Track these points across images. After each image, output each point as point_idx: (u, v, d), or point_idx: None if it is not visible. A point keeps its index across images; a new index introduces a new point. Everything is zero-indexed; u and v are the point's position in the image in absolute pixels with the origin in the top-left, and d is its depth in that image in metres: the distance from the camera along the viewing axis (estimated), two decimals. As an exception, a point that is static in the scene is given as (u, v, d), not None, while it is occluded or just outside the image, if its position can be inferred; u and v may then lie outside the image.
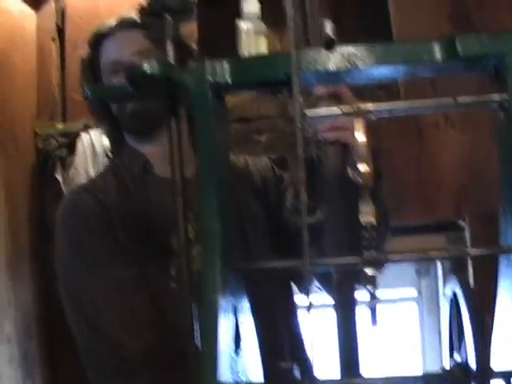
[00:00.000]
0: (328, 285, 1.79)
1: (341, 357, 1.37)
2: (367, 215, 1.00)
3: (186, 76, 1.06)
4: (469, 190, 2.75)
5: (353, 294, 1.39)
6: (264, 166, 1.96)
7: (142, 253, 1.69)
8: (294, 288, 1.95)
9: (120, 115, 1.80)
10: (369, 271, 1.02)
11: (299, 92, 1.00)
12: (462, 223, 2.79)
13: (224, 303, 1.03)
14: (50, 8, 3.11)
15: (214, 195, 1.06)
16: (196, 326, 1.13)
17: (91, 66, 1.85)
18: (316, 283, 1.94)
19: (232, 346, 1.10)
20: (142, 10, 1.16)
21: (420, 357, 3.11)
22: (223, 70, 1.06)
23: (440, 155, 2.79)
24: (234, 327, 1.11)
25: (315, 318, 1.05)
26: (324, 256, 1.61)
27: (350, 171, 1.45)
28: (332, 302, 1.38)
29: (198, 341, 1.12)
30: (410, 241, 2.83)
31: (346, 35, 1.07)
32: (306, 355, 1.88)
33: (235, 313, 1.12)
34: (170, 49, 1.13)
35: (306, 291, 1.02)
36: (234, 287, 1.10)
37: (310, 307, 1.01)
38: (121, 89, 1.13)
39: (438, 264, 2.99)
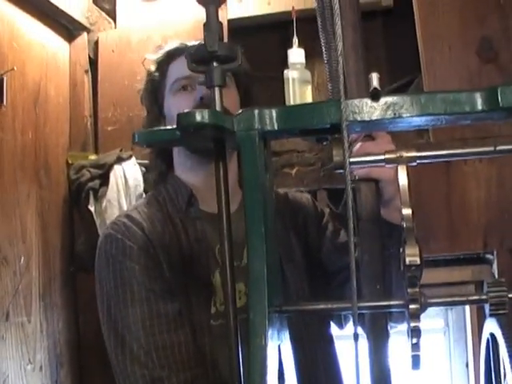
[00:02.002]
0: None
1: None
2: (412, 256, 1.02)
3: (235, 123, 1.10)
4: (496, 223, 2.77)
5: (386, 326, 1.42)
6: (305, 202, 1.96)
7: (185, 289, 1.69)
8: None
9: None
10: (412, 323, 1.04)
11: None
12: (489, 257, 2.81)
13: (270, 344, 1.05)
14: (82, 40, 3.17)
15: (260, 236, 1.08)
16: (240, 366, 1.14)
17: (158, 84, 1.84)
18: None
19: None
20: (190, 57, 1.19)
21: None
22: (271, 118, 1.10)
23: (467, 189, 2.81)
24: (278, 365, 1.14)
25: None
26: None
27: (382, 210, 1.48)
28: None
29: (241, 380, 1.14)
30: (436, 273, 2.85)
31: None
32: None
33: (279, 351, 1.14)
34: (217, 96, 1.16)
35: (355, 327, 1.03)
36: (278, 327, 1.13)
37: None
38: (168, 133, 1.15)
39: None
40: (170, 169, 1.87)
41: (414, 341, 1.04)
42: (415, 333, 1.03)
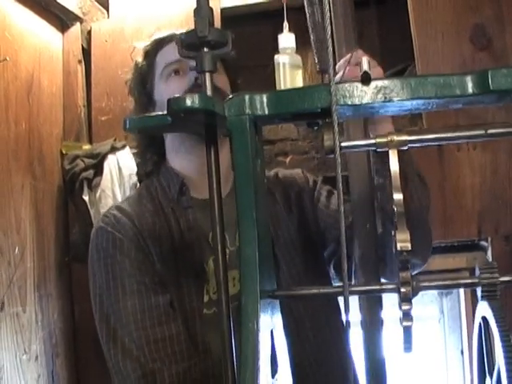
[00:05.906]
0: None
1: (367, 374, 1.40)
2: (403, 242, 1.02)
3: (226, 108, 1.09)
4: (490, 210, 2.77)
5: (380, 312, 1.42)
6: (296, 177, 1.96)
7: (177, 279, 1.69)
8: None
9: None
10: (403, 306, 1.04)
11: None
12: (484, 243, 2.81)
13: (262, 329, 1.05)
14: (76, 30, 3.16)
15: (251, 222, 1.08)
16: (233, 352, 1.14)
17: (146, 73, 1.85)
18: None
19: (269, 368, 1.12)
20: (181, 43, 1.18)
21: (443, 376, 3.11)
22: (262, 103, 1.10)
23: (461, 176, 2.81)
24: (270, 349, 1.14)
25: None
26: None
27: (369, 126, 1.49)
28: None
29: (233, 366, 1.13)
30: (430, 260, 2.84)
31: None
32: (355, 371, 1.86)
33: (272, 336, 1.14)
34: (208, 81, 1.16)
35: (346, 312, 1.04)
36: (271, 311, 1.13)
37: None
38: (159, 119, 1.15)
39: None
40: (163, 160, 1.87)
41: (406, 324, 1.04)
42: (406, 316, 1.03)
